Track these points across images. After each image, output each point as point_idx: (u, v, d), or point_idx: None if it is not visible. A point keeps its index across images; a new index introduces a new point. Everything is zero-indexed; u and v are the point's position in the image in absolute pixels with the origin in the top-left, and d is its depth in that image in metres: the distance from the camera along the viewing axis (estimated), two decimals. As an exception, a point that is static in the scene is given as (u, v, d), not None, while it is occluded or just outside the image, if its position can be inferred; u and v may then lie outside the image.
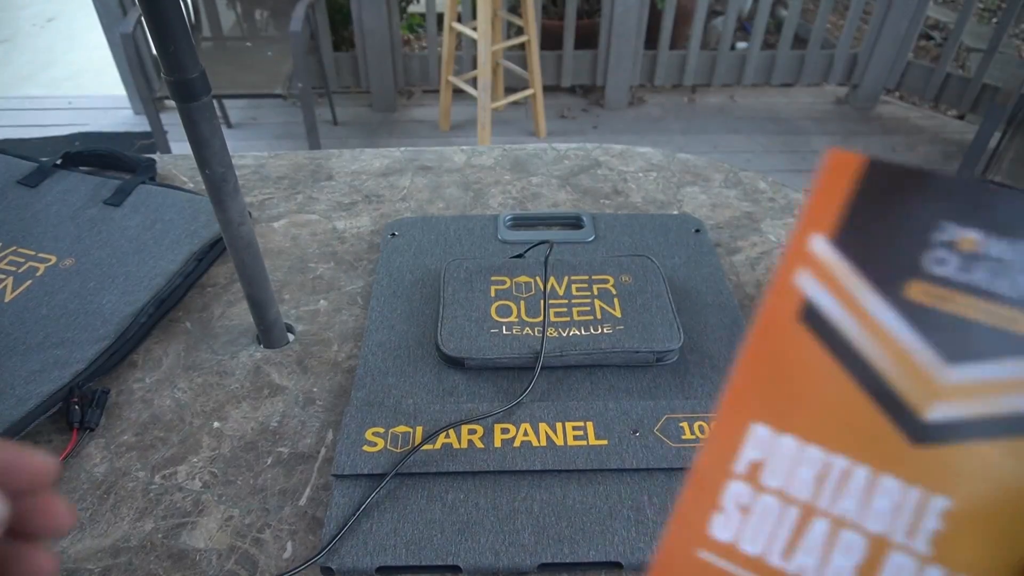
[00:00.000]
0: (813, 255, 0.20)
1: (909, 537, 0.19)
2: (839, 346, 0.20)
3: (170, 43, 0.50)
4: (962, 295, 0.19)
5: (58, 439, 0.65)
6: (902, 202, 0.19)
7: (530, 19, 2.49)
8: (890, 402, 0.19)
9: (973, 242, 0.19)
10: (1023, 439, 0.18)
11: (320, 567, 0.55)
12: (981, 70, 2.76)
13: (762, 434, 0.20)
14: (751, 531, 0.20)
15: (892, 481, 0.19)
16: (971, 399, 0.19)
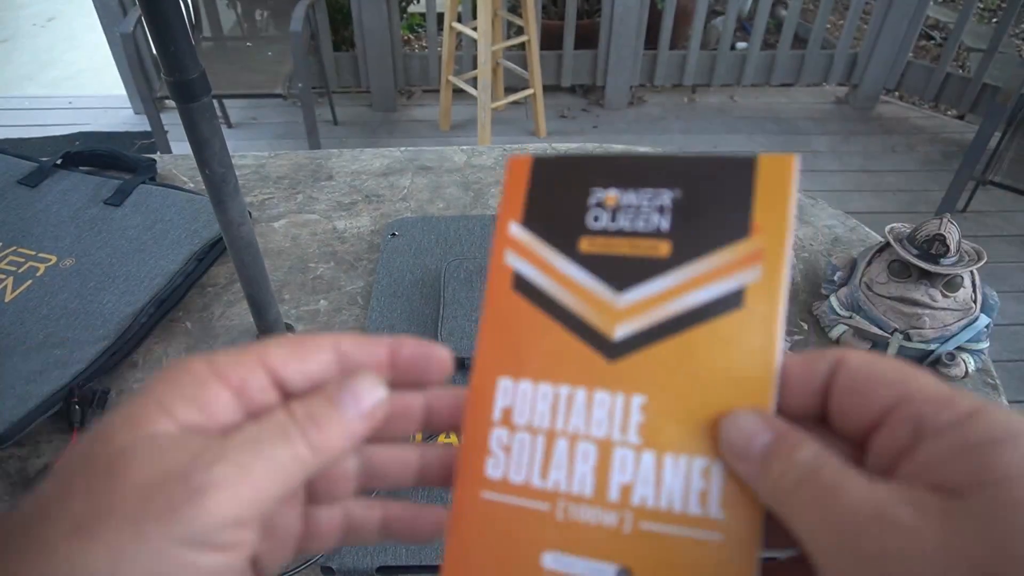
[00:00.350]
0: (512, 237, 0.26)
1: (623, 434, 0.23)
2: (544, 302, 0.25)
3: (170, 43, 0.50)
4: (616, 239, 0.24)
5: (58, 439, 0.65)
6: (563, 182, 0.25)
7: (530, 19, 2.49)
8: (587, 333, 0.24)
9: (614, 198, 0.25)
10: (682, 334, 0.23)
11: (320, 567, 0.55)
12: (981, 70, 2.76)
13: (506, 385, 0.24)
14: (514, 464, 0.24)
15: (602, 393, 0.23)
16: (641, 315, 0.24)
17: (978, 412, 0.18)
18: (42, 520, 0.17)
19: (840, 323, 0.74)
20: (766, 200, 0.23)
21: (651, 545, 0.22)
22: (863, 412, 0.20)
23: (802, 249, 0.89)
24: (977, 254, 0.71)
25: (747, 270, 0.23)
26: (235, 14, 2.73)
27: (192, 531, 0.17)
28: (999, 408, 0.19)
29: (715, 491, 0.22)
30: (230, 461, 0.19)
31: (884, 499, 0.18)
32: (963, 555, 0.16)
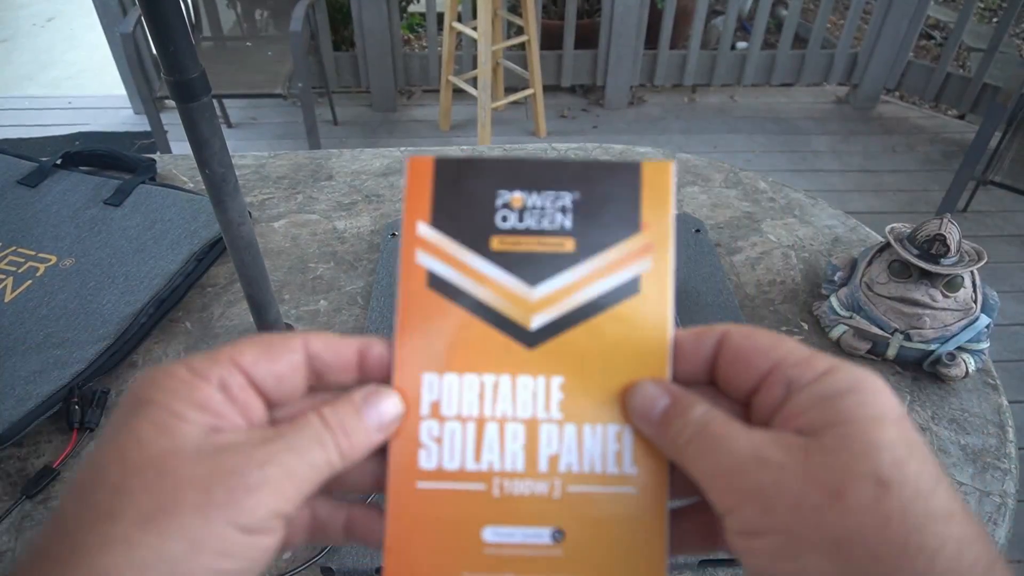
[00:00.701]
0: (422, 237, 0.27)
1: (547, 412, 0.26)
2: (460, 297, 0.26)
3: (170, 43, 0.50)
4: (525, 237, 0.27)
5: (58, 439, 0.65)
6: (468, 183, 0.27)
7: (530, 19, 2.49)
8: (506, 325, 0.26)
9: (520, 200, 0.27)
10: (590, 320, 0.26)
11: (320, 567, 0.55)
12: (981, 70, 2.76)
13: (431, 380, 0.26)
14: (447, 453, 0.26)
15: (525, 378, 0.26)
16: (553, 305, 0.26)
17: (832, 369, 0.23)
18: (105, 518, 0.20)
19: (840, 323, 0.74)
20: (651, 200, 0.27)
21: (578, 505, 0.25)
22: (745, 377, 0.24)
23: (802, 249, 0.89)
24: (977, 254, 0.71)
25: (640, 261, 0.27)
26: (235, 14, 2.73)
27: (249, 519, 0.21)
28: (849, 365, 0.23)
29: (627, 451, 0.26)
30: (278, 463, 0.22)
31: (759, 443, 0.22)
32: (817, 479, 0.20)
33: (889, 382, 0.71)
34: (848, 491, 0.20)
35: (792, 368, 0.23)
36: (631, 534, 0.25)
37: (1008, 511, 0.60)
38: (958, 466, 0.64)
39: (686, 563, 0.55)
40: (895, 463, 0.20)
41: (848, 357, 0.74)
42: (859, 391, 0.22)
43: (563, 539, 0.25)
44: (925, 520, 0.19)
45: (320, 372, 0.25)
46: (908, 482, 0.20)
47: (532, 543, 0.25)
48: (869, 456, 0.20)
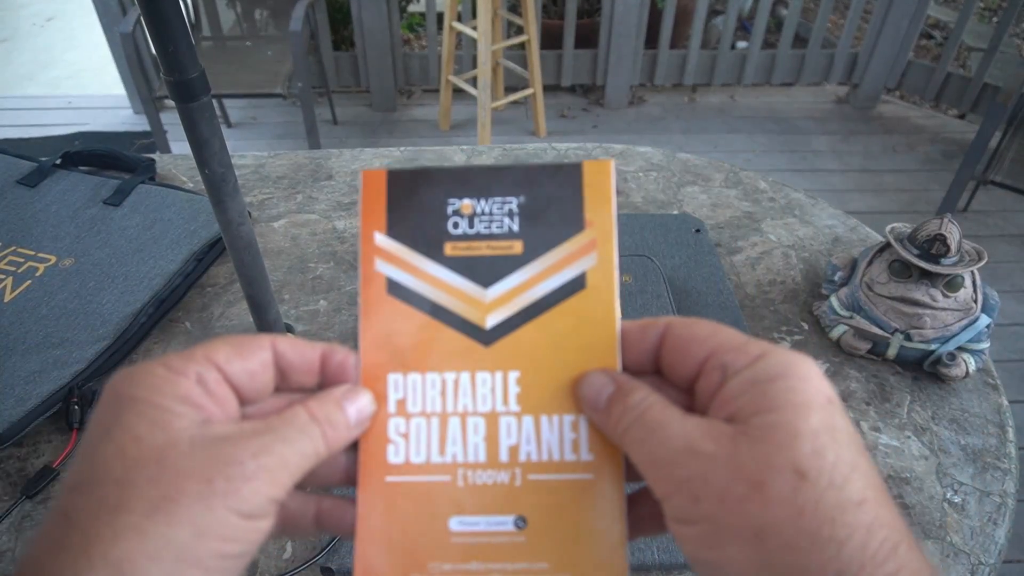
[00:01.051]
0: (379, 247, 0.28)
1: (505, 405, 0.27)
2: (419, 301, 0.28)
3: (170, 43, 0.50)
4: (476, 242, 0.28)
5: (58, 439, 0.65)
6: (420, 193, 0.28)
7: (530, 18, 2.49)
8: (463, 325, 0.28)
9: (469, 207, 0.28)
10: (541, 316, 0.28)
11: (320, 567, 0.55)
12: (982, 69, 2.76)
13: (396, 379, 0.28)
14: (414, 448, 0.27)
15: (483, 374, 0.27)
16: (506, 305, 0.28)
17: (764, 355, 0.23)
18: (114, 511, 0.21)
19: (840, 323, 0.74)
20: (593, 198, 0.28)
21: (539, 492, 0.27)
22: (685, 364, 0.25)
23: (802, 249, 0.89)
24: (978, 254, 0.71)
25: (585, 257, 0.28)
26: (235, 14, 2.73)
27: (248, 506, 0.22)
28: (781, 350, 0.24)
29: (583, 439, 0.27)
30: (273, 453, 0.23)
31: (692, 433, 0.23)
32: (741, 470, 0.21)
33: (889, 382, 0.71)
34: (768, 483, 0.21)
35: (727, 354, 0.24)
36: (591, 518, 0.26)
37: (1008, 511, 0.60)
38: (958, 466, 0.64)
39: (686, 563, 0.55)
40: (815, 452, 0.21)
41: (848, 357, 0.74)
42: (788, 376, 0.23)
43: (525, 526, 0.26)
44: (836, 510, 0.21)
45: (285, 372, 0.26)
46: (824, 472, 0.21)
47: (496, 531, 0.26)
48: (790, 446, 0.21)
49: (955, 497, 0.61)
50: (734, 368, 0.24)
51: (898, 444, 0.66)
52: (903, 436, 0.66)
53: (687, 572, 0.56)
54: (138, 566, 0.20)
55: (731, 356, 0.24)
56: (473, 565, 0.26)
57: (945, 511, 0.60)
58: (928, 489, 0.62)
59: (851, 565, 0.20)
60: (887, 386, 0.71)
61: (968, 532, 0.58)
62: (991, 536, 0.58)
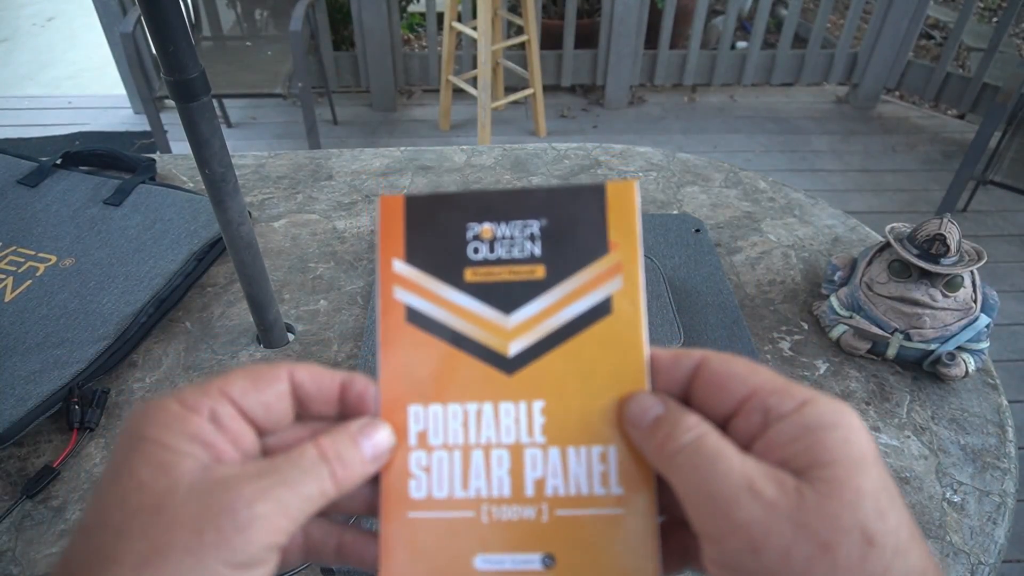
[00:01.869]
0: (398, 274, 0.28)
1: (530, 436, 0.26)
2: (439, 330, 0.27)
3: (170, 43, 0.50)
4: (497, 267, 0.27)
5: (58, 439, 0.65)
6: (439, 218, 0.28)
7: (530, 18, 2.49)
8: (485, 353, 0.27)
9: (490, 231, 0.28)
10: (566, 343, 0.27)
11: (320, 567, 0.55)
12: (981, 69, 2.76)
13: (417, 411, 0.27)
14: (436, 482, 0.26)
15: (506, 404, 0.26)
16: (529, 332, 0.27)
17: (810, 401, 0.23)
18: (106, 562, 0.21)
19: (840, 323, 0.74)
20: (617, 220, 0.27)
21: (567, 529, 0.25)
22: (722, 401, 0.24)
23: (802, 249, 0.89)
24: (977, 254, 0.71)
25: (611, 281, 0.27)
26: (235, 13, 2.73)
27: (240, 557, 0.21)
28: (825, 397, 0.23)
29: (613, 471, 0.26)
30: (270, 498, 0.22)
31: (753, 473, 0.22)
32: (807, 527, 0.20)
33: (889, 382, 0.71)
34: (837, 546, 0.20)
35: (770, 396, 0.23)
36: (622, 556, 0.25)
37: (1008, 511, 0.60)
38: (958, 466, 0.64)
39: (686, 563, 0.55)
40: (879, 515, 0.21)
41: (848, 357, 0.74)
42: (840, 427, 0.22)
43: (554, 564, 0.25)
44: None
45: (303, 402, 0.26)
46: (889, 537, 0.21)
47: (523, 570, 0.25)
48: (856, 506, 0.21)
49: (955, 497, 0.61)
50: (778, 412, 0.23)
51: (898, 444, 0.66)
52: (903, 436, 0.66)
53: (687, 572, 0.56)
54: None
55: (775, 398, 0.23)
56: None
57: (945, 511, 0.60)
58: (928, 489, 0.62)
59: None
60: (887, 386, 0.71)
61: (968, 532, 0.59)
62: (991, 536, 0.58)
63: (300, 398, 0.26)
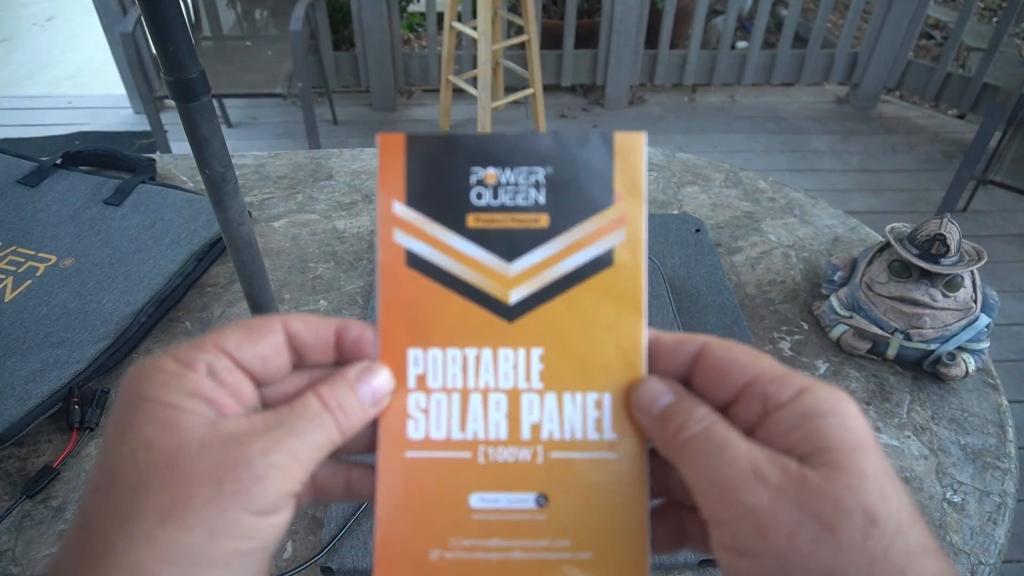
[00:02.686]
0: (398, 217, 0.27)
1: (527, 382, 0.27)
2: (439, 275, 0.27)
3: (170, 43, 0.50)
4: (500, 214, 0.27)
5: (58, 439, 0.65)
6: (442, 160, 0.27)
7: (530, 18, 2.49)
8: (485, 300, 0.27)
9: (494, 176, 0.27)
10: (567, 292, 0.27)
11: (320, 567, 0.55)
12: (981, 69, 2.76)
13: (416, 354, 0.27)
14: (434, 423, 0.27)
15: (505, 350, 0.27)
16: (530, 280, 0.27)
17: (807, 388, 0.24)
18: (127, 517, 0.21)
19: (840, 323, 0.74)
20: (623, 172, 0.27)
21: (561, 471, 0.26)
22: (723, 387, 0.25)
23: (802, 249, 0.89)
24: (977, 254, 0.71)
25: (614, 233, 0.27)
26: (235, 13, 2.73)
27: (261, 504, 0.22)
28: (823, 385, 0.24)
29: (607, 417, 0.26)
30: (282, 449, 0.23)
31: (758, 459, 0.22)
32: (811, 509, 0.21)
33: (889, 382, 0.71)
34: (840, 526, 0.21)
35: (769, 384, 0.24)
36: (613, 497, 0.26)
37: (1008, 511, 0.60)
38: (958, 466, 0.64)
39: (686, 563, 0.55)
40: (881, 496, 0.22)
41: (848, 357, 0.74)
42: (837, 413, 0.23)
43: (547, 504, 0.26)
44: (906, 559, 0.21)
45: (300, 351, 0.26)
46: (891, 517, 0.21)
47: (517, 508, 0.26)
48: (859, 489, 0.21)
49: (955, 497, 0.61)
50: (777, 400, 0.24)
51: (898, 444, 0.66)
52: (903, 436, 0.66)
53: (687, 572, 0.56)
54: (153, 570, 0.20)
55: (774, 386, 0.24)
56: (493, 542, 0.26)
57: (945, 511, 0.60)
58: (928, 489, 0.62)
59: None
60: (887, 386, 0.71)
61: (968, 532, 0.59)
62: (991, 536, 0.58)
63: (296, 348, 0.26)
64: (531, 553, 0.26)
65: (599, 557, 0.26)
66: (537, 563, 0.26)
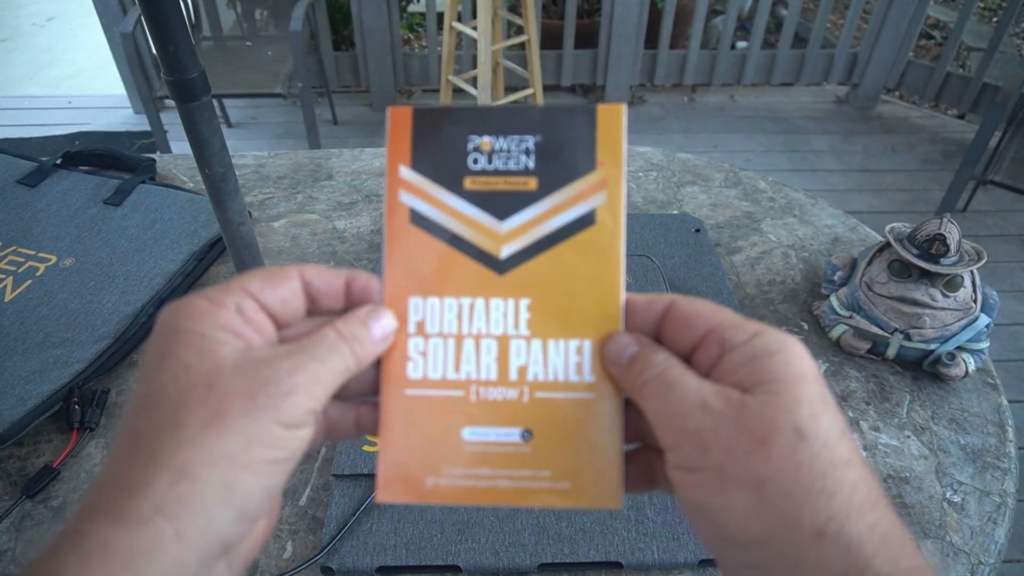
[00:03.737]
0: (404, 179, 0.30)
1: (516, 329, 0.30)
2: (439, 231, 0.30)
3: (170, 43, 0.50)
4: (494, 177, 0.30)
5: (58, 439, 0.65)
6: (443, 130, 0.30)
7: (530, 18, 2.49)
8: (479, 254, 0.30)
9: (489, 143, 0.30)
10: (553, 248, 0.30)
11: (320, 567, 0.55)
12: (981, 69, 2.76)
13: (416, 302, 0.30)
14: (431, 364, 0.29)
15: (496, 300, 0.30)
16: (520, 237, 0.30)
17: (760, 333, 0.26)
18: (173, 427, 0.24)
19: (840, 323, 0.74)
20: (605, 140, 0.30)
21: (544, 409, 0.29)
22: (687, 336, 0.28)
23: (802, 249, 0.89)
24: (977, 254, 0.71)
25: (596, 195, 0.30)
26: (235, 13, 2.73)
27: (288, 417, 0.25)
28: (775, 330, 0.27)
29: (586, 362, 0.29)
30: (306, 371, 0.26)
31: (705, 392, 0.26)
32: (747, 427, 0.24)
33: (889, 382, 0.71)
34: (771, 440, 0.24)
35: (727, 330, 0.27)
36: (590, 433, 0.29)
37: (1008, 511, 0.60)
38: (958, 466, 0.64)
39: (686, 563, 0.55)
40: (812, 416, 0.24)
41: (848, 357, 0.74)
42: (783, 351, 0.26)
43: (531, 438, 0.29)
44: (829, 467, 0.24)
45: (314, 297, 0.29)
46: (820, 433, 0.24)
47: (504, 441, 0.29)
48: (791, 410, 0.24)
49: (955, 497, 0.61)
50: (733, 343, 0.26)
51: (898, 444, 0.66)
52: (903, 436, 0.66)
53: (687, 572, 0.56)
54: (198, 470, 0.23)
55: (730, 332, 0.27)
56: (483, 471, 0.29)
57: (945, 511, 0.60)
58: (928, 489, 0.62)
59: (839, 514, 0.23)
60: (887, 386, 0.71)
61: (968, 532, 0.59)
62: (991, 536, 0.58)
63: (311, 294, 0.29)
64: (516, 482, 0.29)
65: (577, 486, 0.29)
66: (521, 490, 0.29)
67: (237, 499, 0.24)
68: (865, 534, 0.23)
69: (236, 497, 0.24)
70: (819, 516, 0.23)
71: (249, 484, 0.24)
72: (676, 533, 0.56)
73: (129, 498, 0.22)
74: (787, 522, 0.23)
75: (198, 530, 0.23)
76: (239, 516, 0.24)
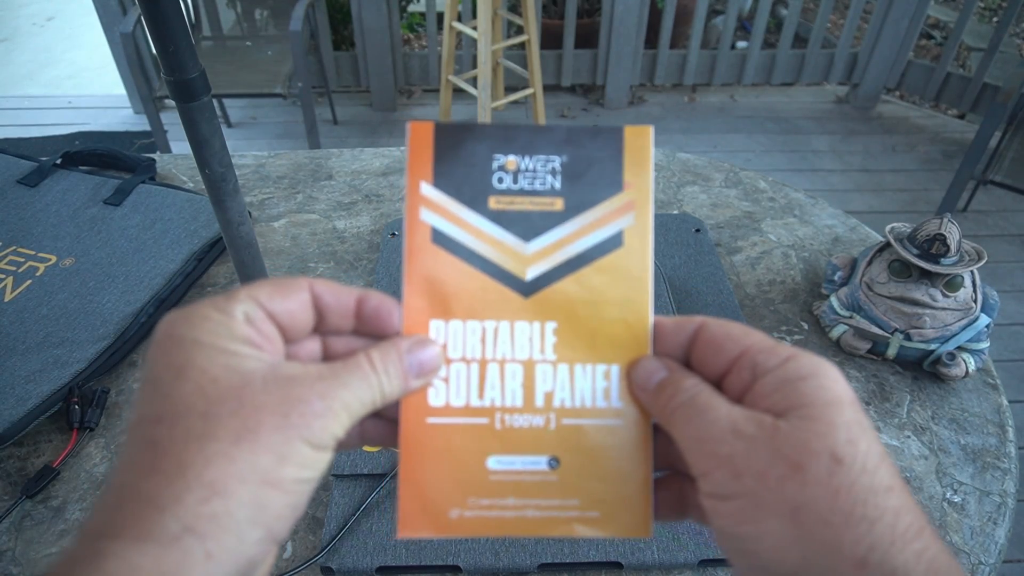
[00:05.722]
0: (425, 197, 0.29)
1: (542, 353, 0.29)
2: (462, 252, 0.29)
3: (170, 43, 0.50)
4: (519, 197, 0.29)
5: (58, 439, 0.65)
6: (467, 147, 0.29)
7: (530, 18, 2.49)
8: (504, 276, 0.29)
9: (514, 163, 0.29)
10: (580, 270, 0.29)
11: (320, 567, 0.55)
12: (982, 69, 2.76)
13: (438, 325, 0.29)
14: (454, 391, 0.28)
15: (522, 324, 0.29)
16: (546, 259, 0.29)
17: (793, 356, 0.26)
18: (202, 439, 0.23)
19: (840, 323, 0.74)
20: (632, 162, 0.30)
21: (571, 435, 0.28)
22: (718, 360, 0.27)
23: (802, 249, 0.89)
24: (977, 254, 0.71)
25: (623, 217, 0.29)
26: (235, 13, 2.73)
27: (318, 438, 0.24)
28: (808, 353, 0.26)
29: (614, 388, 0.29)
30: (336, 397, 0.25)
31: (736, 417, 0.25)
32: (781, 453, 0.23)
33: (889, 382, 0.71)
34: (807, 465, 0.23)
35: (759, 354, 0.26)
36: (619, 461, 0.28)
37: (1008, 511, 0.60)
38: (958, 466, 0.64)
39: (686, 563, 0.55)
40: (849, 441, 0.23)
41: (848, 357, 0.74)
42: (817, 376, 0.25)
43: (558, 466, 0.28)
44: (868, 493, 0.23)
45: (323, 313, 0.28)
46: (858, 459, 0.23)
47: (531, 470, 0.28)
48: (827, 435, 0.23)
49: (955, 497, 0.61)
50: (765, 367, 0.26)
51: (898, 444, 0.66)
52: (903, 436, 0.66)
53: (687, 572, 0.56)
54: (229, 487, 0.22)
55: (762, 356, 0.26)
56: (510, 500, 0.28)
57: (945, 511, 0.60)
58: (928, 489, 0.62)
59: (881, 542, 0.22)
60: (887, 386, 0.71)
61: (968, 532, 0.59)
62: (991, 536, 0.58)
63: (319, 309, 0.28)
64: (544, 511, 0.28)
65: (606, 515, 0.28)
66: (549, 520, 0.28)
67: (267, 518, 0.23)
68: (911, 563, 0.22)
69: (266, 516, 0.23)
70: (860, 545, 0.22)
71: (279, 503, 0.23)
72: (676, 533, 0.56)
73: (156, 514, 0.21)
74: (826, 550, 0.22)
75: (229, 550, 0.22)
76: (267, 536, 0.23)
